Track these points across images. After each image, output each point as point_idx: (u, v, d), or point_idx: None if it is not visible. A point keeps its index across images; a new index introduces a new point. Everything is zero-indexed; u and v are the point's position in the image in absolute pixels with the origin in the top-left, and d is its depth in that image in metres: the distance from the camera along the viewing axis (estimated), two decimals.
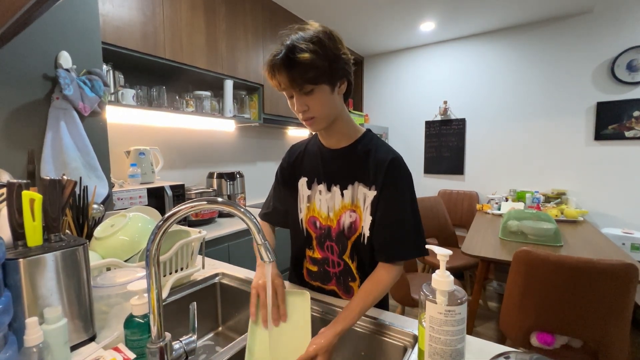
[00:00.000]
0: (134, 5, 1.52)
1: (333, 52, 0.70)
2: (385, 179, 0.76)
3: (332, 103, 0.75)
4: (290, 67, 0.67)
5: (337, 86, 0.74)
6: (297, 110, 0.74)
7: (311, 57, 0.66)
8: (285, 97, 0.76)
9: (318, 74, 0.69)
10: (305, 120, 0.75)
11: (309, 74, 0.68)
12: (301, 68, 0.67)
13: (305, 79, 0.68)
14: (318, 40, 0.68)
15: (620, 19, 2.58)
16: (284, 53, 0.67)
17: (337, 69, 0.72)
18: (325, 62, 0.68)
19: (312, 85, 0.70)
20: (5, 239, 0.57)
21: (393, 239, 0.76)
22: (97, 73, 1.15)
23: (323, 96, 0.72)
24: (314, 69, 0.67)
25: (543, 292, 1.27)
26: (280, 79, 0.70)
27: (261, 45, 2.29)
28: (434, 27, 3.02)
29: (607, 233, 2.40)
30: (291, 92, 0.72)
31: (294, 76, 0.68)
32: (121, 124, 1.80)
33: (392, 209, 0.76)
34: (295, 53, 0.66)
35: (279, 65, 0.68)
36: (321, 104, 0.72)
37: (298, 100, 0.72)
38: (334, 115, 0.78)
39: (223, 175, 2.20)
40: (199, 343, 0.97)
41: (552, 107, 2.90)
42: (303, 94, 0.71)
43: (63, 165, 1.07)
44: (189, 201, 0.50)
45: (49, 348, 0.52)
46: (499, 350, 0.62)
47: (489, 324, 2.30)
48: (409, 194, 0.78)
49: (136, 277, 0.72)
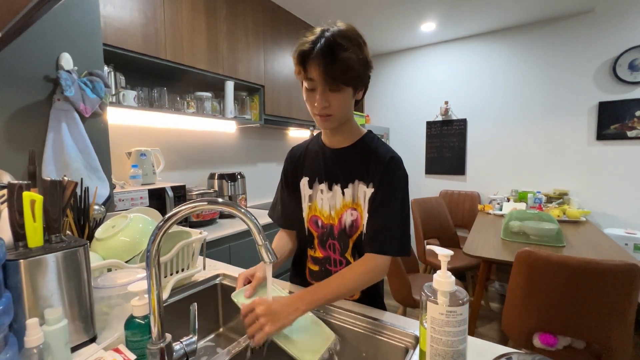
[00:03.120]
0: (135, 6, 1.53)
1: (367, 58, 0.71)
2: (382, 176, 0.77)
3: (350, 105, 0.76)
4: (331, 61, 0.66)
5: (359, 91, 0.76)
6: (318, 104, 0.72)
7: (352, 57, 0.66)
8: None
9: (353, 77, 0.69)
10: (321, 115, 0.74)
11: (347, 74, 0.68)
12: (341, 66, 0.66)
13: (342, 78, 0.68)
14: (357, 44, 0.68)
15: (621, 18, 2.58)
16: (326, 45, 0.66)
17: (365, 77, 0.73)
18: (361, 67, 0.69)
19: (344, 85, 0.70)
20: (6, 240, 0.57)
21: (379, 232, 0.77)
22: (98, 74, 1.15)
23: (345, 97, 0.73)
24: (352, 71, 0.68)
25: (545, 292, 1.27)
26: (314, 68, 0.68)
27: (262, 46, 2.30)
28: (434, 28, 3.01)
29: (610, 233, 2.39)
30: (317, 84, 0.70)
31: (332, 71, 0.67)
32: (122, 125, 1.81)
33: (383, 204, 0.77)
34: (339, 49, 0.65)
35: (319, 55, 0.66)
36: (341, 104, 0.73)
37: (322, 95, 0.71)
38: (347, 117, 0.79)
39: (224, 176, 2.20)
40: (200, 344, 0.97)
41: (554, 107, 2.89)
42: (329, 90, 0.70)
43: (64, 166, 1.07)
44: (189, 202, 0.50)
45: (50, 349, 0.52)
46: (501, 351, 0.62)
47: (491, 325, 2.29)
48: (402, 193, 0.78)
49: (137, 278, 0.72)
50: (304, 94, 0.76)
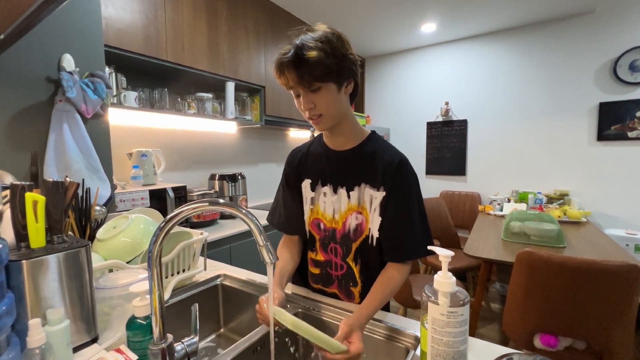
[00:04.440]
0: (136, 8, 1.53)
1: (341, 51, 0.71)
2: (394, 180, 0.77)
3: (339, 102, 0.76)
4: (299, 64, 0.68)
5: (344, 86, 0.75)
6: (303, 108, 0.74)
7: (319, 54, 0.68)
8: (290, 97, 0.77)
9: (325, 72, 0.69)
10: (311, 118, 0.76)
11: (316, 71, 0.69)
12: (309, 65, 0.68)
13: (313, 76, 0.69)
14: (326, 40, 0.70)
15: (622, 19, 2.58)
16: (293, 51, 0.69)
17: (344, 68, 0.73)
18: (333, 60, 0.70)
19: (320, 82, 0.71)
20: (8, 241, 0.57)
21: (404, 238, 0.78)
22: (99, 75, 1.16)
23: (330, 94, 0.73)
24: (322, 66, 0.69)
25: (546, 293, 1.27)
26: (289, 76, 0.71)
27: (262, 47, 2.30)
28: (435, 28, 3.02)
29: (611, 234, 2.39)
30: (298, 90, 0.73)
31: (302, 73, 0.69)
32: (123, 126, 1.81)
33: (402, 209, 0.77)
34: (304, 51, 0.68)
35: (288, 62, 0.69)
36: (327, 102, 0.73)
37: (305, 98, 0.73)
38: (341, 114, 0.78)
39: (225, 176, 2.20)
40: (201, 345, 0.97)
41: (554, 108, 2.89)
42: (310, 91, 0.72)
43: (66, 167, 1.07)
44: (190, 202, 0.50)
45: (52, 349, 0.52)
46: (502, 352, 0.62)
47: (492, 326, 2.29)
48: (417, 194, 0.79)
49: (138, 279, 0.72)
50: (295, 103, 0.78)
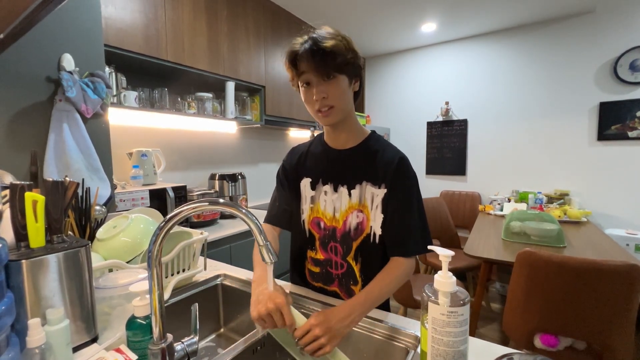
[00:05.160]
0: (136, 7, 1.53)
1: (354, 47, 0.74)
2: (395, 177, 0.78)
3: (349, 96, 0.77)
4: (318, 53, 0.70)
5: (353, 82, 0.78)
6: (315, 98, 0.74)
7: (339, 44, 0.70)
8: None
9: (343, 62, 0.71)
10: (321, 110, 0.75)
11: (336, 59, 0.70)
12: (329, 54, 0.70)
13: (332, 65, 0.71)
14: (342, 35, 0.73)
15: (622, 19, 2.58)
16: (312, 41, 0.70)
17: (356, 64, 0.75)
18: (349, 53, 0.72)
19: (337, 72, 0.72)
20: (8, 241, 0.57)
21: (406, 234, 0.78)
22: (99, 75, 1.16)
23: (342, 86, 0.74)
24: (341, 56, 0.71)
25: (546, 293, 1.26)
26: (305, 65, 0.72)
27: (262, 47, 2.30)
28: (435, 28, 3.01)
29: (611, 234, 2.38)
30: (311, 78, 0.73)
31: (322, 62, 0.70)
32: (123, 125, 1.81)
33: (403, 206, 0.78)
34: (325, 40, 0.70)
35: (305, 51, 0.71)
36: (340, 93, 0.74)
37: (318, 88, 0.73)
38: (348, 110, 0.79)
39: (225, 176, 2.20)
40: (201, 345, 0.97)
41: (555, 108, 2.88)
42: (324, 81, 0.72)
43: (66, 166, 1.07)
44: (191, 202, 0.50)
45: (51, 349, 0.52)
46: (502, 351, 0.62)
47: (492, 326, 2.29)
48: (417, 192, 0.80)
49: (138, 279, 0.72)
50: (302, 96, 0.77)
